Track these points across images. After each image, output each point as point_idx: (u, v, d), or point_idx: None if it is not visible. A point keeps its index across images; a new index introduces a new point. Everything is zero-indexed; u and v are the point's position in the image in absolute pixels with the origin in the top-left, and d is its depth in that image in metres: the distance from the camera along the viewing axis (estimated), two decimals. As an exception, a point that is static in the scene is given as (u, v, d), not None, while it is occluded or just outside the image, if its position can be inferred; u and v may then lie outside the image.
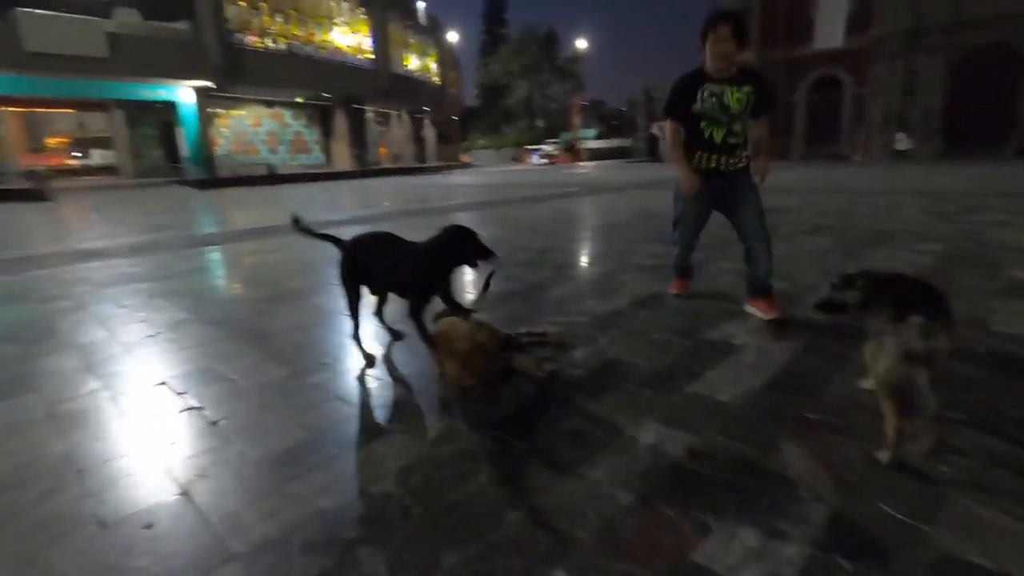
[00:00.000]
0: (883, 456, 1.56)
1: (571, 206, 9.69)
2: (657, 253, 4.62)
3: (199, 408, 2.08)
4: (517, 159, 43.91)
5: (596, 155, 41.03)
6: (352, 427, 1.90)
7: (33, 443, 1.86)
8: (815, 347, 2.44)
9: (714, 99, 2.85)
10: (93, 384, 2.35)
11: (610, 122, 66.17)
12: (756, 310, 2.94)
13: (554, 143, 42.06)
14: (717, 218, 3.10)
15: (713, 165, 2.95)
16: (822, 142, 27.71)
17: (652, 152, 37.02)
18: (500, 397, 2.07)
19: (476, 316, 2.37)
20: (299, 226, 2.47)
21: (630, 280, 3.82)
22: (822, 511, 1.36)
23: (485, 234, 2.42)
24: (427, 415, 1.97)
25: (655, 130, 39.67)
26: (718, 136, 2.91)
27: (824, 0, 26.38)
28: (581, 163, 37.06)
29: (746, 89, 2.84)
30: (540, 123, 53.78)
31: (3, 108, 20.60)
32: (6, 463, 1.74)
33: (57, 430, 1.95)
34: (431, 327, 2.35)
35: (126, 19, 21.71)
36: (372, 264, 2.40)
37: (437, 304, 2.37)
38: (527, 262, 4.49)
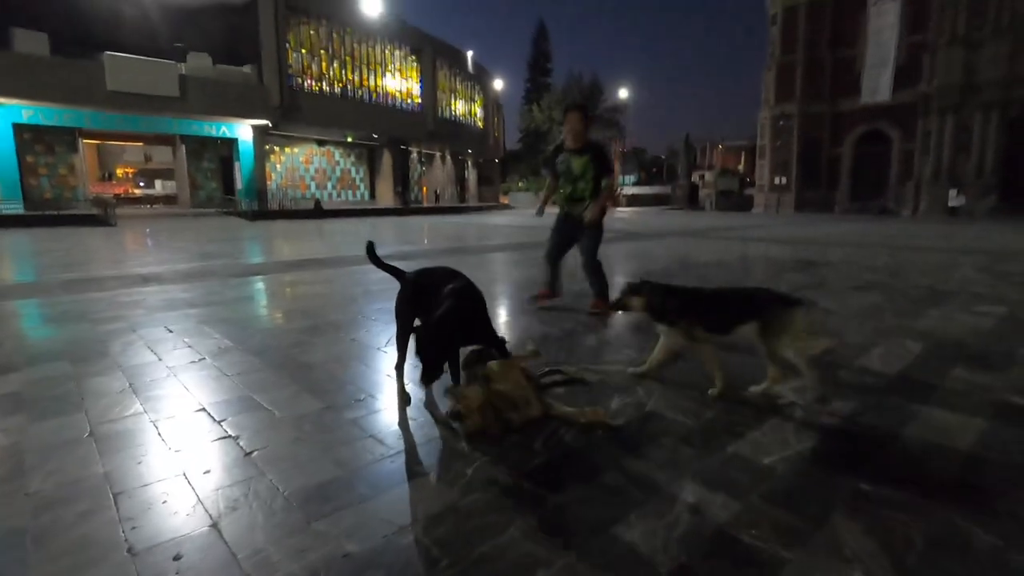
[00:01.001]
0: (811, 396, 2.35)
1: (608, 251, 9.66)
2: (697, 303, 4.52)
3: (235, 437, 2.10)
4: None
5: (635, 201, 41.20)
6: (384, 467, 1.88)
7: (76, 462, 1.91)
8: (872, 408, 2.31)
9: (564, 164, 4.12)
10: (137, 406, 2.41)
11: (650, 169, 66.57)
12: (591, 307, 4.16)
13: (593, 188, 42.50)
14: (762, 272, 3.02)
15: (567, 210, 4.23)
16: (868, 196, 27.11)
17: (692, 200, 36.93)
18: (533, 446, 2.01)
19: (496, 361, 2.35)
20: (371, 254, 2.64)
21: (669, 329, 3.73)
22: (882, 596, 1.25)
23: (521, 276, 2.41)
24: (459, 460, 1.93)
25: (696, 178, 39.70)
26: (567, 190, 4.18)
27: (870, 55, 26.33)
28: (619, 208, 37.22)
29: (585, 158, 4.01)
30: (579, 168, 54.52)
31: (82, 140, 22.27)
32: (50, 481, 1.78)
33: (100, 450, 1.99)
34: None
35: (198, 63, 23.43)
36: (431, 296, 2.41)
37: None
38: (562, 306, 4.46)
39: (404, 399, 2.44)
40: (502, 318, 4.13)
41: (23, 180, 20.74)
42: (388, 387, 2.63)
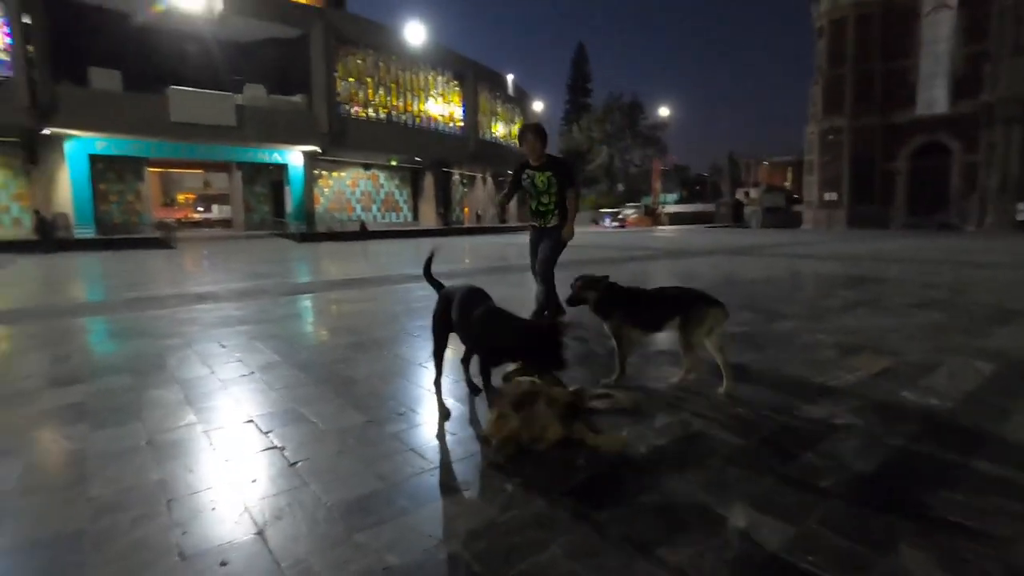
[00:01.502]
0: (675, 379, 2.78)
1: (651, 269, 9.53)
2: (745, 320, 4.38)
3: (281, 448, 2.15)
4: (596, 221, 44.30)
5: (677, 219, 40.57)
6: (424, 481, 1.88)
7: (134, 469, 1.99)
8: (938, 431, 2.16)
9: (529, 180, 4.26)
10: (191, 417, 2.51)
11: (693, 187, 65.58)
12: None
13: (634, 206, 42.18)
14: (812, 289, 2.91)
15: (534, 222, 4.44)
16: (927, 211, 25.79)
17: (737, 217, 36.08)
18: (575, 462, 1.97)
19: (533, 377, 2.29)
20: (428, 262, 2.86)
21: (715, 347, 3.62)
22: (957, 633, 1.15)
23: (561, 295, 2.40)
24: (499, 475, 1.91)
25: (740, 195, 38.85)
26: (533, 204, 4.37)
27: (925, 66, 25.30)
28: (661, 227, 36.74)
29: (547, 173, 4.18)
30: (620, 186, 54.28)
31: (147, 168, 23.78)
32: (110, 487, 1.86)
33: (155, 458, 2.08)
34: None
35: (253, 93, 24.74)
36: (456, 314, 2.48)
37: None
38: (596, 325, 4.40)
39: (444, 413, 2.45)
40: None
41: (96, 207, 22.26)
42: (429, 401, 2.64)
